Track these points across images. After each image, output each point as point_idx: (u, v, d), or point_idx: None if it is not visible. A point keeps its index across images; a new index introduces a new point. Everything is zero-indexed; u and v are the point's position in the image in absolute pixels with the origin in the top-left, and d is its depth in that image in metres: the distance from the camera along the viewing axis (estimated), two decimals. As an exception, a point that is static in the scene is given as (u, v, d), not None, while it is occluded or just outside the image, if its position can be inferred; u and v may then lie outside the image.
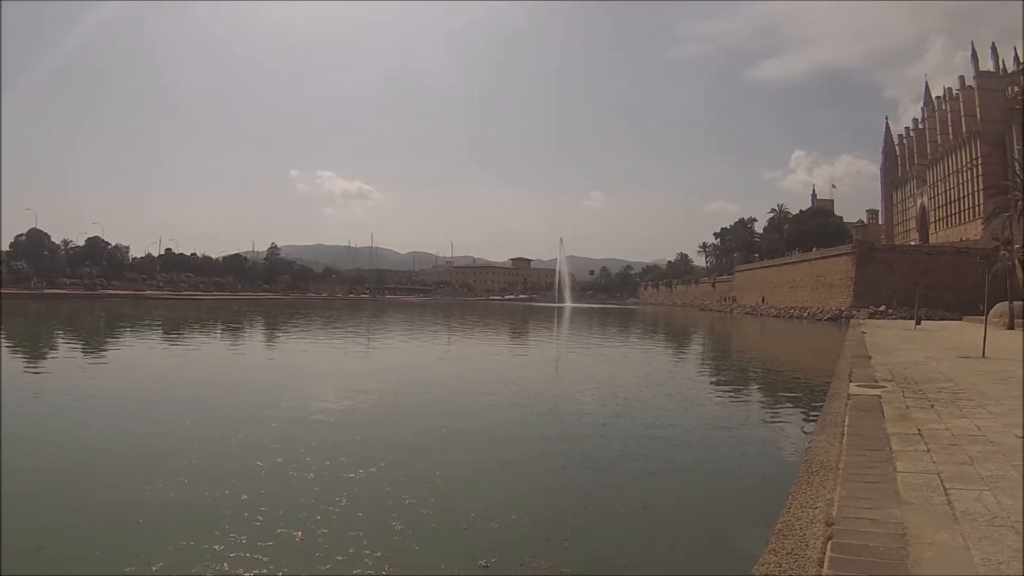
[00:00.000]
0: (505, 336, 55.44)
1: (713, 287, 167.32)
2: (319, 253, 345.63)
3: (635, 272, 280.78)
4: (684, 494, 10.81)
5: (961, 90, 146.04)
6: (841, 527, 5.48)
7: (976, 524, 5.47)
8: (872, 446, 8.38)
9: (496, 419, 16.86)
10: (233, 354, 34.76)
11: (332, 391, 21.56)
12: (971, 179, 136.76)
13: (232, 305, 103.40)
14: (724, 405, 20.57)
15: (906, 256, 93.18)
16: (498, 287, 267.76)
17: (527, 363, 33.57)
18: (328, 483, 10.42)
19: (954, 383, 14.88)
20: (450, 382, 24.18)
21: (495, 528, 8.75)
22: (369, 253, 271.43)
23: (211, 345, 39.42)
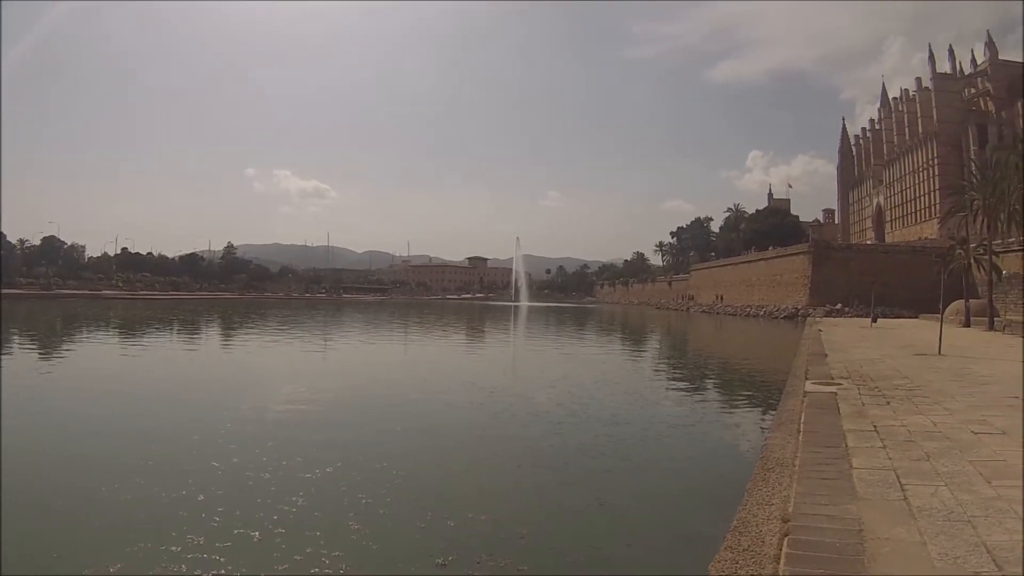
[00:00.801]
0: (461, 335, 55.45)
1: (669, 286, 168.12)
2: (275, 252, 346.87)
3: (591, 271, 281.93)
4: (641, 492, 10.83)
5: (918, 92, 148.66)
6: (797, 523, 5.48)
7: (933, 520, 5.51)
8: (828, 443, 8.43)
9: (452, 418, 16.85)
10: (188, 354, 34.40)
11: (288, 391, 21.38)
12: (927, 179, 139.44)
13: (188, 305, 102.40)
14: (680, 403, 20.55)
15: (862, 255, 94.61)
16: (454, 286, 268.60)
17: (483, 362, 33.63)
18: (285, 483, 10.40)
19: (910, 380, 15.10)
20: (406, 382, 24.18)
21: (452, 527, 8.71)
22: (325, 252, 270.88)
23: (166, 345, 38.83)
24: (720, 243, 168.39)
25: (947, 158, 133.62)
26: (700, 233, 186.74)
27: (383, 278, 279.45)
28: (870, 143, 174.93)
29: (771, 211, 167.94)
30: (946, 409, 11.02)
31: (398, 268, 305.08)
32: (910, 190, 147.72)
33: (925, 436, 8.86)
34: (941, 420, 10.00)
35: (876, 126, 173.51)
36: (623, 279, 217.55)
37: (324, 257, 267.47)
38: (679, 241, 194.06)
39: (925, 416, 10.33)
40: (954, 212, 52.11)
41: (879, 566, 4.60)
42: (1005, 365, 19.37)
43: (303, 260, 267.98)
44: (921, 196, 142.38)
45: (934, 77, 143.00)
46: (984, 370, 17.76)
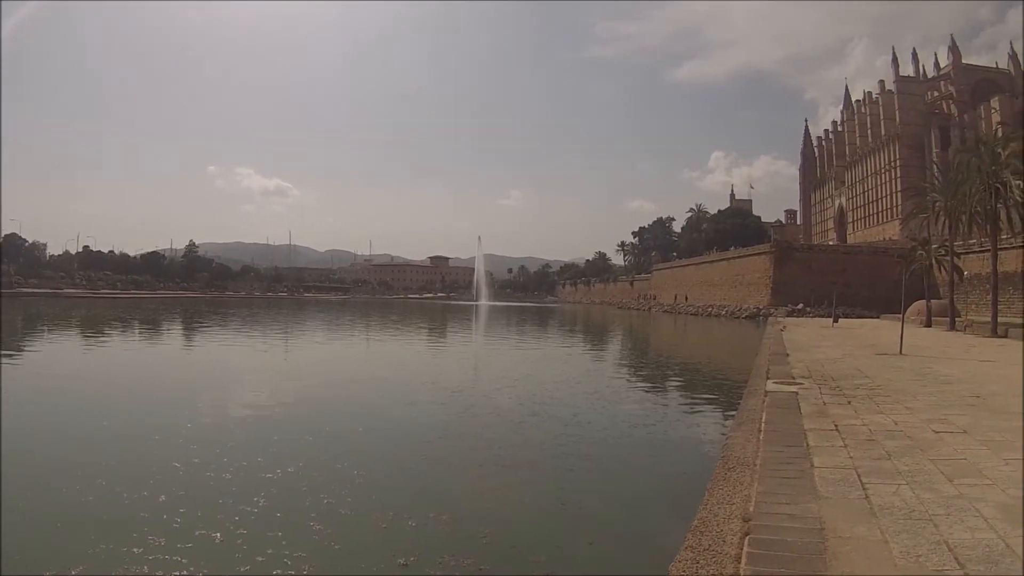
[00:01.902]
0: (423, 335, 55.41)
1: (631, 285, 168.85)
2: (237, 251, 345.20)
3: (553, 270, 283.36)
4: (602, 491, 10.89)
5: (881, 94, 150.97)
6: (758, 522, 5.47)
7: (894, 518, 5.53)
8: (789, 442, 8.45)
9: (414, 418, 16.85)
10: (149, 354, 34.09)
11: (250, 390, 21.43)
12: (889, 181, 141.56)
13: (149, 304, 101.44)
14: (642, 403, 20.64)
15: (824, 255, 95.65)
16: (416, 285, 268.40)
17: (444, 362, 33.53)
18: (246, 483, 10.42)
19: (871, 380, 15.25)
20: (368, 381, 24.17)
21: (413, 527, 8.81)
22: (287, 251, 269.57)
23: (128, 344, 38.45)
24: (682, 243, 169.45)
25: (909, 160, 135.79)
26: (662, 233, 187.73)
27: (345, 277, 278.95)
28: (832, 144, 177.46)
29: (733, 211, 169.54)
30: (907, 408, 11.13)
31: (360, 267, 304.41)
32: (872, 191, 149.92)
33: (886, 435, 8.92)
34: (902, 419, 10.08)
35: (839, 128, 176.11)
36: (585, 279, 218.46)
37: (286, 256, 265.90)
38: (641, 241, 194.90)
39: (886, 415, 10.42)
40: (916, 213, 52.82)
41: (840, 565, 4.59)
42: (966, 365, 19.70)
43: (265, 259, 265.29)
44: (883, 197, 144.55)
45: (897, 80, 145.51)
46: (945, 370, 18.00)
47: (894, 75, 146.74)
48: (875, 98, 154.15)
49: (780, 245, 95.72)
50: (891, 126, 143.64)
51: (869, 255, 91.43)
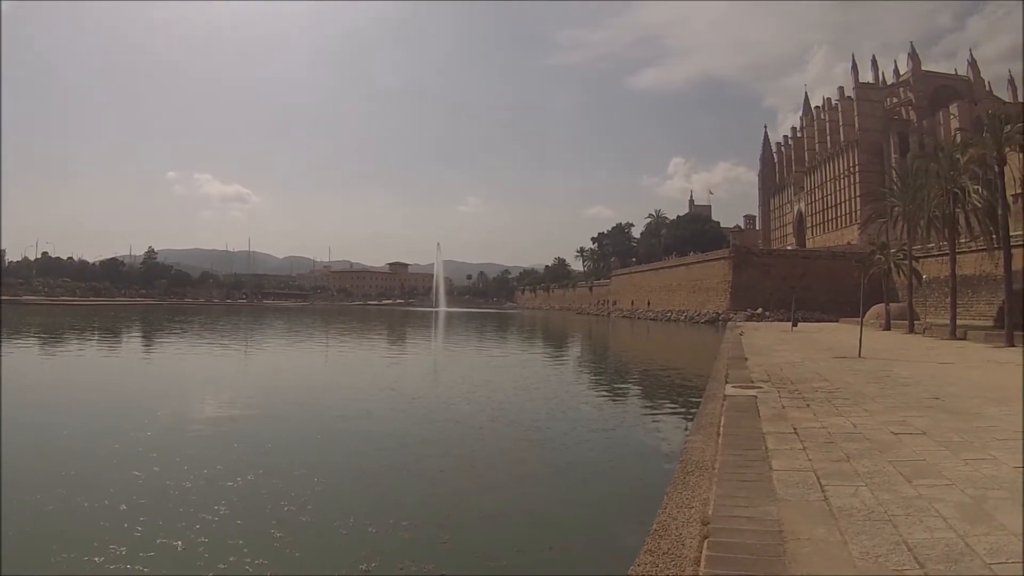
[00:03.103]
0: (382, 341, 55.68)
1: (591, 291, 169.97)
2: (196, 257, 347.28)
3: (513, 277, 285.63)
4: (561, 495, 11.03)
5: (840, 100, 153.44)
6: (717, 526, 5.44)
7: (853, 519, 5.52)
8: (748, 445, 8.45)
9: (373, 424, 17.03)
10: (108, 361, 33.95)
11: (209, 398, 21.65)
12: (848, 186, 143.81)
13: (108, 311, 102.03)
14: (601, 407, 20.95)
15: (783, 260, 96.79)
16: (375, 292, 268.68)
17: (403, 368, 33.70)
18: (206, 491, 10.58)
19: (830, 383, 15.36)
20: (327, 388, 24.48)
21: (373, 533, 9.02)
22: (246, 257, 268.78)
23: (86, 352, 38.18)
24: (641, 249, 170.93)
25: (868, 165, 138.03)
26: (621, 239, 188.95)
27: (304, 284, 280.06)
28: (792, 150, 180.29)
29: (692, 217, 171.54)
30: (866, 411, 11.20)
31: (319, 274, 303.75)
32: (831, 197, 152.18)
33: (845, 437, 8.96)
34: (861, 421, 10.14)
35: (798, 134, 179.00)
36: (544, 284, 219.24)
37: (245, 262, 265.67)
38: (600, 247, 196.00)
39: (845, 418, 10.48)
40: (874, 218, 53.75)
41: (800, 566, 4.57)
42: (925, 367, 19.96)
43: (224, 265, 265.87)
44: (842, 203, 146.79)
45: (857, 86, 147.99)
46: (904, 372, 18.20)
47: (853, 82, 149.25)
48: (834, 104, 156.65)
49: (739, 250, 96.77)
50: (850, 132, 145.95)
51: (828, 259, 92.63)
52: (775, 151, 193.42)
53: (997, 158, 31.38)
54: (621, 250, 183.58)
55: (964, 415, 10.78)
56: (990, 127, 32.35)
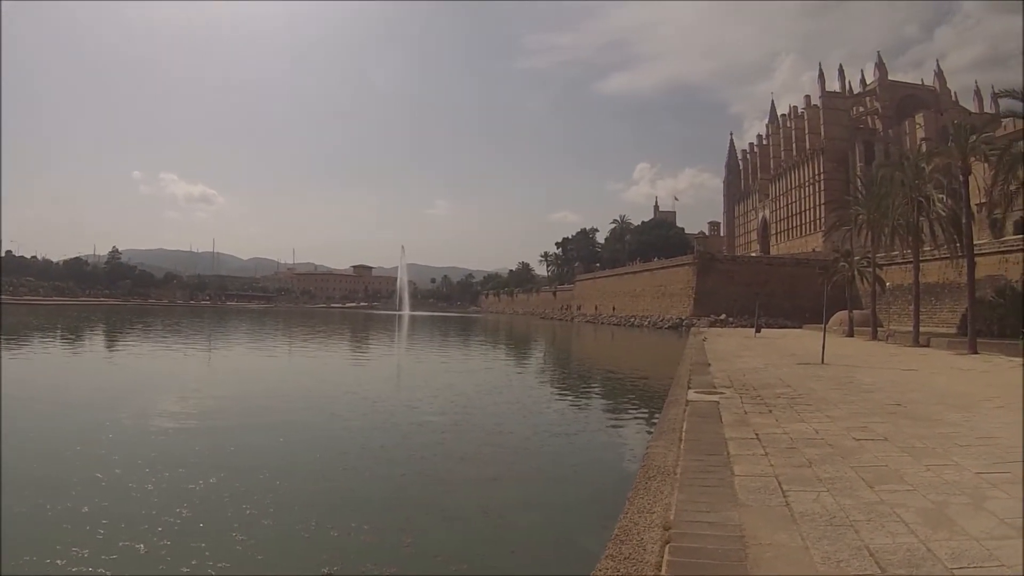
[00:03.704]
0: (345, 345, 55.60)
1: (554, 296, 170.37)
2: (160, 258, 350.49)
3: (477, 281, 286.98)
4: (524, 500, 11.17)
5: (807, 109, 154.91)
6: (679, 531, 5.45)
7: (815, 524, 5.56)
8: (710, 451, 8.48)
9: (336, 428, 17.09)
10: (70, 362, 33.87)
11: (172, 401, 21.42)
12: (813, 194, 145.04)
13: (71, 311, 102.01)
14: (564, 412, 20.94)
15: (747, 266, 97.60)
16: (339, 294, 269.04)
17: (366, 373, 33.67)
18: (169, 494, 10.59)
19: (792, 389, 15.48)
20: (289, 392, 24.40)
21: (336, 536, 9.07)
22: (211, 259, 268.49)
23: (48, 353, 37.96)
24: (605, 254, 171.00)
25: (833, 173, 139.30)
26: (586, 244, 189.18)
27: (268, 286, 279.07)
28: (757, 158, 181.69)
29: (657, 223, 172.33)
30: (828, 416, 11.30)
31: (283, 276, 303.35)
32: (796, 204, 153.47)
33: (807, 443, 9.02)
34: (823, 427, 10.22)
35: (764, 141, 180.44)
36: (508, 289, 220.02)
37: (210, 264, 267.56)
38: (564, 252, 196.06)
39: (807, 423, 10.56)
40: (839, 226, 54.31)
41: (761, 571, 4.58)
42: (888, 373, 20.23)
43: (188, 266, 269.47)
44: (807, 210, 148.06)
45: (823, 95, 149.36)
46: (867, 378, 18.42)
47: (820, 90, 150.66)
48: (800, 113, 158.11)
49: (703, 256, 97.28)
50: (816, 140, 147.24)
51: (792, 266, 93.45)
52: (741, 158, 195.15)
53: (962, 168, 31.80)
54: (585, 255, 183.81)
55: (926, 421, 10.92)
56: (956, 137, 32.80)
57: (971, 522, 5.65)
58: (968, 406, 12.99)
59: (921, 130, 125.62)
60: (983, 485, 6.86)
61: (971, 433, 9.90)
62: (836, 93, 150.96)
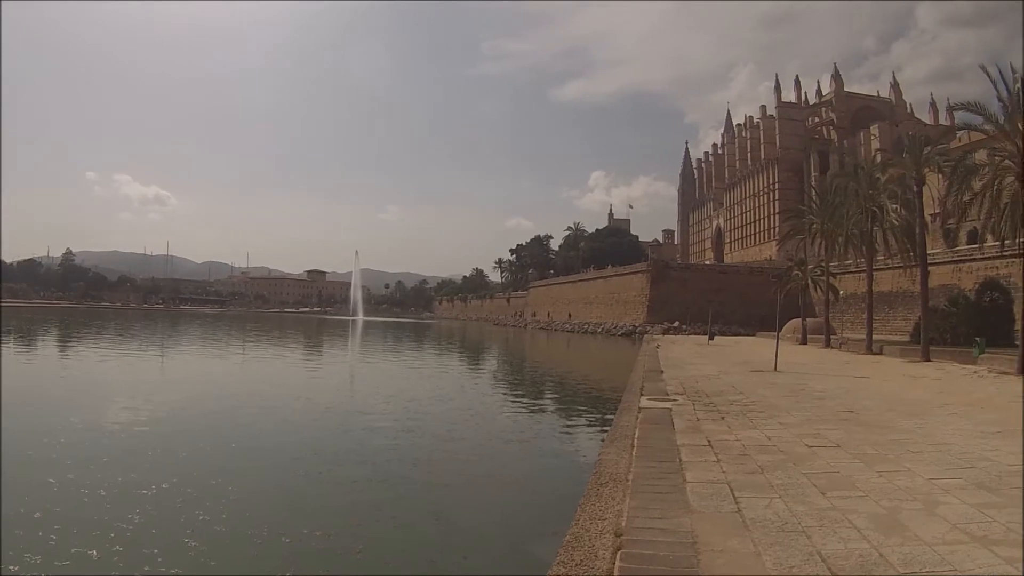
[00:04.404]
0: (298, 350, 55.61)
1: (508, 302, 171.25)
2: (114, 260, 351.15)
3: (431, 287, 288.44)
4: (476, 505, 11.32)
5: (763, 118, 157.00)
6: (630, 537, 5.41)
7: (767, 530, 5.55)
8: (662, 458, 8.47)
9: (288, 434, 17.22)
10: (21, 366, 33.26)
11: (125, 405, 21.44)
12: (768, 203, 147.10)
13: (24, 313, 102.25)
14: (516, 418, 21.11)
15: (700, 274, 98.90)
16: (293, 299, 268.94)
17: (319, 378, 33.78)
18: (122, 499, 10.61)
19: (745, 396, 15.59)
20: (241, 397, 24.38)
21: (288, 542, 9.17)
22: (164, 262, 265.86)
23: None
24: (559, 261, 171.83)
25: (788, 183, 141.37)
26: (540, 251, 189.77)
27: (222, 290, 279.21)
28: (712, 167, 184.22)
29: (611, 230, 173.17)
30: (781, 423, 11.38)
31: (237, 280, 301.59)
32: (750, 213, 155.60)
33: (759, 450, 9.06)
34: (776, 434, 10.28)
35: (719, 150, 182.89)
36: (462, 295, 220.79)
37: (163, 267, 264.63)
38: (518, 258, 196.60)
39: (760, 430, 10.61)
40: (793, 235, 54.99)
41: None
42: (841, 380, 20.46)
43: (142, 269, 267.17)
44: (761, 219, 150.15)
45: (779, 105, 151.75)
46: (820, 385, 18.63)
47: (776, 100, 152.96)
48: (756, 122, 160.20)
49: (656, 264, 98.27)
50: (771, 150, 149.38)
51: (746, 274, 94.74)
52: (696, 167, 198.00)
53: (916, 178, 32.37)
54: (539, 262, 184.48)
55: (879, 428, 11.04)
56: (910, 148, 33.38)
57: (923, 528, 5.69)
58: (921, 413, 13.19)
59: (876, 141, 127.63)
60: (935, 491, 6.93)
61: (924, 440, 10.02)
62: (792, 104, 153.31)
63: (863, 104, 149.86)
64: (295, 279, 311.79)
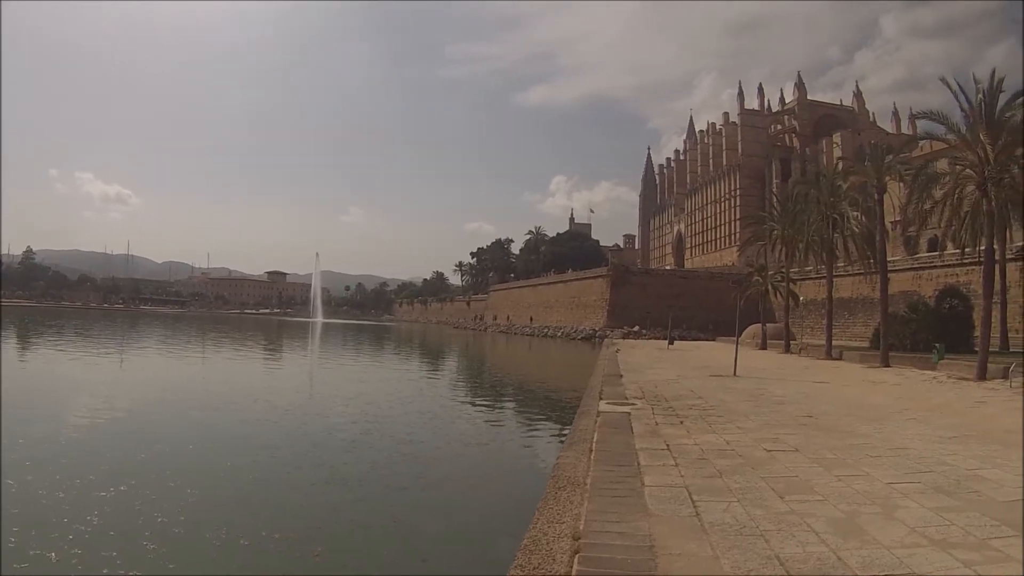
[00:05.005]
0: (258, 352, 55.42)
1: (468, 305, 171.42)
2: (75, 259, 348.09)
3: (391, 289, 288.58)
4: (435, 509, 11.35)
5: (725, 125, 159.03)
6: (588, 541, 5.40)
7: (725, 534, 5.56)
8: (620, 462, 8.47)
9: (246, 436, 17.16)
10: None
11: (83, 407, 21.24)
12: (729, 209, 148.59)
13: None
14: (475, 422, 21.19)
15: (661, 279, 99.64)
16: (253, 300, 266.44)
17: (278, 380, 33.83)
18: (79, 502, 10.55)
19: (704, 400, 15.67)
20: (201, 398, 24.33)
21: (247, 544, 9.18)
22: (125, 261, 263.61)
23: None
24: (520, 265, 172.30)
25: (749, 190, 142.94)
26: (500, 254, 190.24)
27: (182, 290, 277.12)
28: (674, 172, 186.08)
29: (572, 235, 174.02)
30: (740, 428, 11.43)
31: (197, 280, 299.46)
32: (711, 219, 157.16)
33: (718, 454, 9.09)
34: (734, 438, 10.32)
35: (681, 156, 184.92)
36: (422, 298, 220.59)
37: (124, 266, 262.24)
38: (479, 262, 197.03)
39: (718, 435, 10.65)
40: (753, 241, 55.50)
41: (670, 580, 4.54)
42: (800, 386, 20.66)
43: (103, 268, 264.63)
44: (722, 225, 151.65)
45: (742, 112, 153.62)
46: (779, 390, 18.81)
47: (739, 108, 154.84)
48: (719, 129, 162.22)
49: (617, 268, 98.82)
50: (733, 156, 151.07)
51: (706, 280, 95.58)
52: (658, 172, 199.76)
53: (877, 186, 32.71)
54: (500, 265, 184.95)
55: (837, 433, 11.14)
56: (872, 156, 33.75)
57: (882, 531, 5.73)
58: (880, 418, 13.32)
59: (838, 149, 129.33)
60: (894, 495, 6.99)
61: (882, 444, 10.13)
62: (755, 111, 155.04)
63: (826, 112, 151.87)
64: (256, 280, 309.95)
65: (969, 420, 13.53)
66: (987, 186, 23.65)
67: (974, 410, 15.36)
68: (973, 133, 24.45)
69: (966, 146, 24.83)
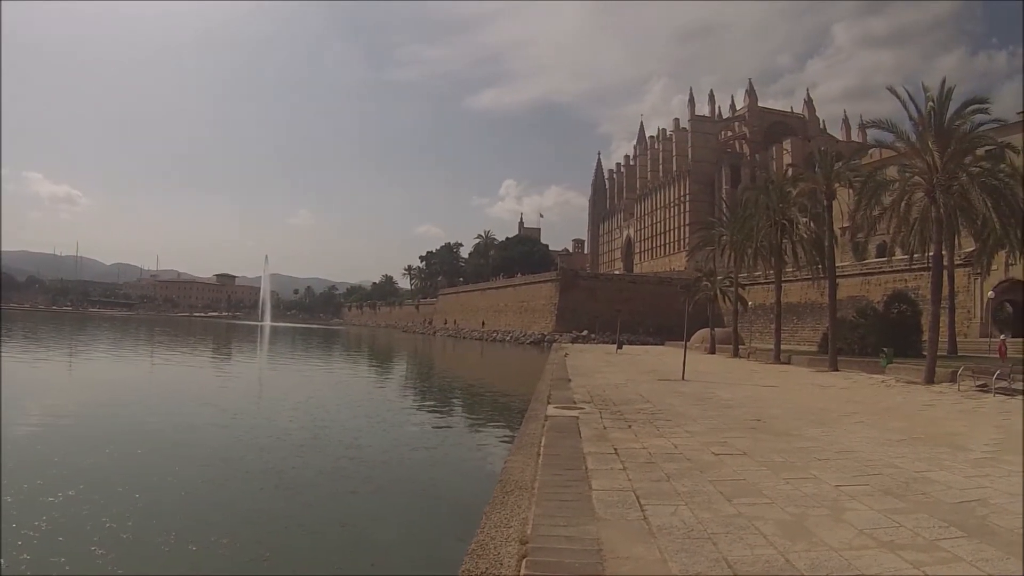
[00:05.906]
0: (206, 355, 55.00)
1: (417, 309, 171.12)
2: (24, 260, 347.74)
3: (340, 292, 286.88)
4: (383, 513, 11.36)
5: (675, 131, 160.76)
6: (536, 545, 5.39)
7: (673, 537, 5.57)
8: (568, 466, 8.46)
9: (194, 441, 17.04)
10: None
11: (29, 411, 21.21)
12: (679, 214, 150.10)
13: None
14: (423, 426, 21.19)
15: (609, 284, 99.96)
16: (202, 303, 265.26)
17: (226, 384, 33.41)
18: (26, 507, 10.48)
19: (652, 404, 15.76)
20: (148, 403, 24.14)
21: (194, 551, 9.09)
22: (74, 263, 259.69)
23: None
24: (469, 269, 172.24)
25: (699, 195, 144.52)
26: (449, 258, 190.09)
27: (131, 292, 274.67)
28: (624, 178, 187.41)
29: (521, 239, 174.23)
30: (688, 432, 11.50)
31: (146, 283, 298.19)
32: (661, 224, 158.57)
33: (666, 458, 9.12)
34: (682, 442, 10.37)
35: (631, 162, 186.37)
36: (371, 302, 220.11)
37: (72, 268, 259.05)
38: (428, 266, 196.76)
39: (666, 439, 10.69)
40: (702, 246, 56.01)
41: (617, 584, 4.53)
42: (748, 390, 20.91)
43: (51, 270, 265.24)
44: (671, 230, 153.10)
45: (692, 118, 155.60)
46: (727, 394, 18.99)
47: (689, 114, 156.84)
48: (669, 135, 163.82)
49: (566, 273, 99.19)
50: (683, 162, 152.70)
51: (655, 284, 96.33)
52: (608, 177, 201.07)
53: (826, 193, 33.20)
54: (449, 269, 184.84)
55: (785, 436, 11.28)
56: (821, 163, 34.28)
57: (830, 533, 5.78)
58: (828, 421, 13.53)
59: (788, 156, 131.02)
60: (842, 497, 7.07)
61: (830, 447, 10.26)
62: (705, 117, 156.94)
63: (776, 119, 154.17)
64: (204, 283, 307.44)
65: (917, 423, 13.78)
66: (936, 193, 24.10)
67: (922, 413, 15.67)
68: (923, 141, 24.94)
69: (915, 154, 25.30)
